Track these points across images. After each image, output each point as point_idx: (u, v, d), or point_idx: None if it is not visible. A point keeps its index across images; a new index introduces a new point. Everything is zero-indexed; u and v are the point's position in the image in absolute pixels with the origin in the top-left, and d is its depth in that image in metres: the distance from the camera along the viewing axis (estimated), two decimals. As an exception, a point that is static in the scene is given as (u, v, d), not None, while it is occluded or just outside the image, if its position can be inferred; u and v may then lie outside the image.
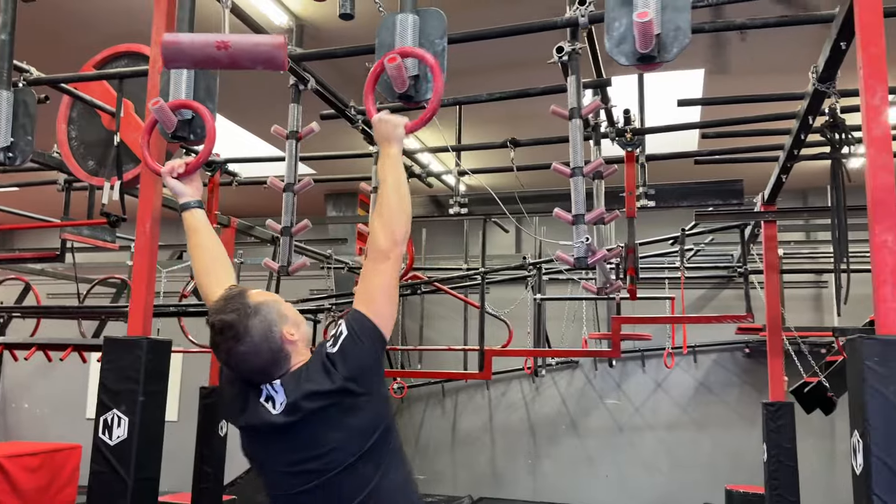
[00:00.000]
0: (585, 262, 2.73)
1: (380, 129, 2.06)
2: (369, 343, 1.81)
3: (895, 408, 2.06)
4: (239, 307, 1.78)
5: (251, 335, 1.76)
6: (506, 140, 4.12)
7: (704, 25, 2.28)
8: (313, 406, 1.75)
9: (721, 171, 4.92)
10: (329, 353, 1.78)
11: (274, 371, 1.81)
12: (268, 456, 1.85)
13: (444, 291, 7.04)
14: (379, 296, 1.87)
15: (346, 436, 1.77)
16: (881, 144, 2.23)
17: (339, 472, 1.76)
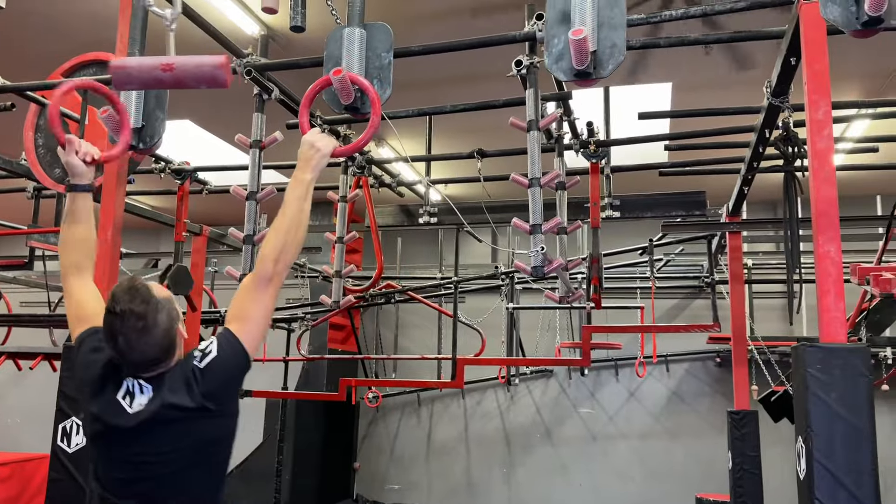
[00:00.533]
0: (542, 271, 2.78)
1: (304, 151, 2.07)
2: (235, 366, 1.89)
3: (836, 414, 2.12)
4: (149, 300, 1.83)
5: (157, 328, 1.82)
6: (473, 151, 4.16)
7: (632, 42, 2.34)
8: (168, 416, 1.81)
9: (687, 183, 5.00)
10: (195, 366, 1.85)
11: (156, 366, 1.86)
12: (109, 446, 1.89)
13: (417, 300, 7.06)
14: (254, 318, 1.93)
15: (187, 445, 1.83)
16: (824, 157, 2.30)
17: (170, 475, 1.82)
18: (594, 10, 1.74)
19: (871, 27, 1.60)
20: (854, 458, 2.09)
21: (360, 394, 8.59)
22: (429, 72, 5.23)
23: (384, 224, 5.00)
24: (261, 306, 1.93)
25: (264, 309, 1.94)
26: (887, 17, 1.57)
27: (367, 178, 4.39)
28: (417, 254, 9.40)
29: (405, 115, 3.68)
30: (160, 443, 1.81)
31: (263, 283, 1.93)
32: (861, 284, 4.21)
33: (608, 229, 7.57)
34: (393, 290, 6.92)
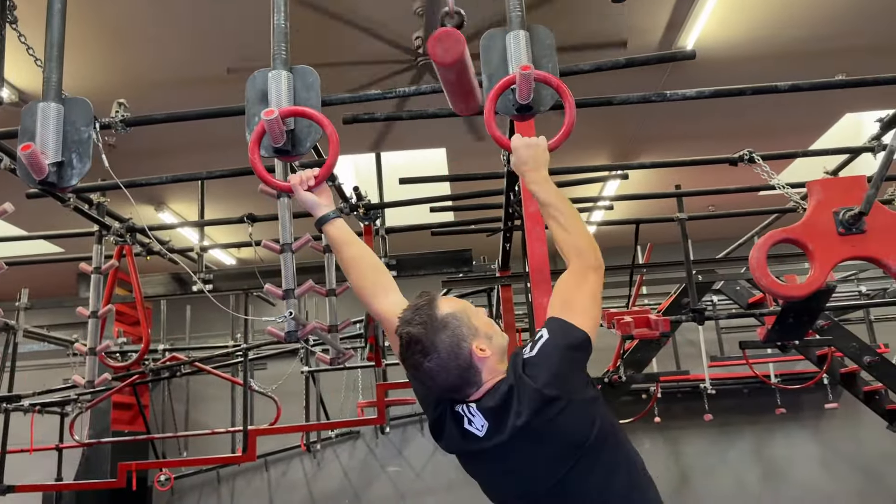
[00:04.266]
0: (295, 336, 2.81)
1: (523, 154, 1.92)
2: (569, 345, 1.67)
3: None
4: (426, 319, 1.66)
5: (438, 351, 1.64)
6: (242, 216, 4.13)
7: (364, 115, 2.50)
8: (518, 423, 1.61)
9: (459, 242, 5.29)
10: (526, 358, 1.66)
11: (465, 389, 1.68)
12: (484, 474, 1.77)
13: (206, 371, 6.76)
14: (585, 301, 1.74)
15: (556, 448, 1.63)
16: (535, 219, 2.56)
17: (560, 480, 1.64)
18: (290, 91, 1.84)
19: (524, 112, 1.83)
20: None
21: (151, 477, 7.99)
22: (202, 134, 5.17)
23: (154, 294, 4.78)
24: (589, 290, 1.75)
25: (594, 293, 1.75)
26: (535, 104, 1.81)
27: (131, 247, 4.19)
28: (212, 321, 9.02)
29: (155, 183, 3.58)
30: (524, 451, 1.62)
31: (590, 270, 1.77)
32: (609, 328, 4.68)
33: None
34: (178, 363, 6.57)
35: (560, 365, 1.63)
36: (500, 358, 1.71)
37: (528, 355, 1.66)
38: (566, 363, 1.64)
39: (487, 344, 1.68)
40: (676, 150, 6.71)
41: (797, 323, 4.36)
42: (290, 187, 1.90)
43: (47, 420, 7.15)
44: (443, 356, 1.64)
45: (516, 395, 1.61)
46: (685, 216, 4.57)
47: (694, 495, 9.24)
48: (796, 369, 8.40)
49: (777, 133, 6.45)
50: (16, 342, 5.97)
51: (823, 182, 3.25)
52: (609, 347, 6.91)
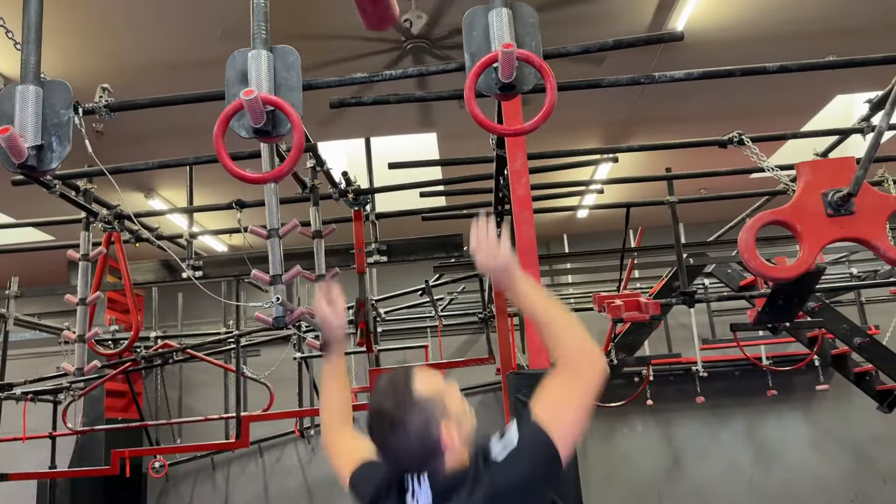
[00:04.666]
0: (283, 321, 2.80)
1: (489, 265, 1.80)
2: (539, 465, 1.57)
3: (542, 434, 2.32)
4: (400, 396, 1.62)
5: (406, 428, 1.59)
6: (231, 202, 4.11)
7: (351, 99, 2.48)
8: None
9: (451, 227, 5.27)
10: (492, 459, 1.59)
11: (423, 466, 1.64)
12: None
13: (198, 358, 6.76)
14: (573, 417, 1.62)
15: None
16: (523, 203, 2.55)
17: None
18: (270, 71, 1.81)
19: (507, 91, 1.82)
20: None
21: (145, 464, 7.99)
22: (191, 119, 5.12)
23: (144, 281, 4.76)
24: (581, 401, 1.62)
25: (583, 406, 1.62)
26: (518, 83, 1.79)
27: (120, 234, 4.16)
28: (204, 308, 9.00)
29: (142, 169, 3.55)
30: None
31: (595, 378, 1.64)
32: (600, 311, 4.69)
33: (387, 274, 7.83)
34: (170, 350, 6.56)
35: (525, 482, 1.56)
36: (465, 441, 1.67)
37: (494, 454, 1.60)
38: (531, 483, 1.57)
39: (456, 430, 1.64)
40: (667, 133, 6.70)
41: (787, 305, 4.38)
42: (263, 178, 1.90)
43: (40, 408, 7.14)
44: (410, 434, 1.60)
45: (471, 490, 1.57)
46: (675, 199, 4.56)
47: (686, 477, 9.31)
48: (787, 351, 8.46)
49: (767, 115, 6.44)
50: (7, 330, 5.95)
51: (812, 163, 3.24)
52: (601, 332, 6.94)
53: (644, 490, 9.19)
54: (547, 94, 1.72)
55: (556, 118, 2.06)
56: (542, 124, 1.72)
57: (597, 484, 8.89)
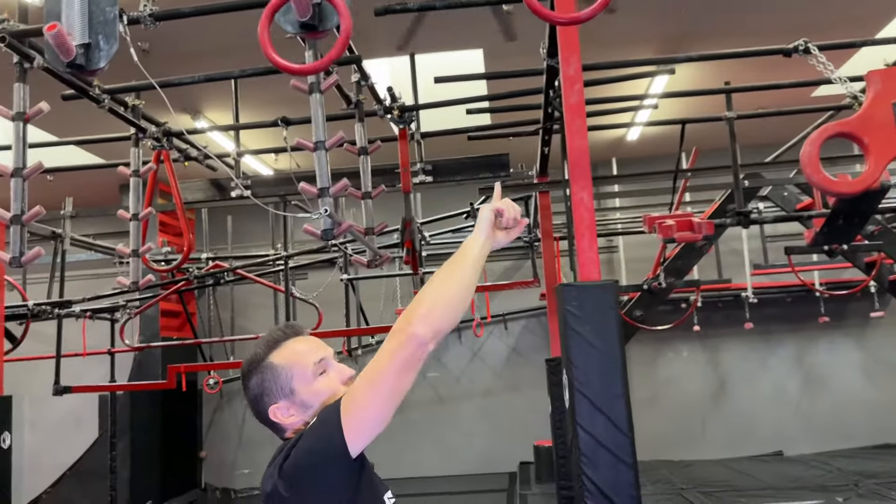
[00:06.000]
0: (332, 234, 2.80)
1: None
2: (321, 449, 1.38)
3: (591, 345, 2.30)
4: (255, 357, 1.56)
5: (248, 391, 1.57)
6: (276, 119, 4.08)
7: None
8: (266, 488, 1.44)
9: (497, 146, 5.18)
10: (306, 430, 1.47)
11: (270, 427, 1.57)
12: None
13: (248, 279, 6.90)
14: (368, 385, 1.37)
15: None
16: (576, 111, 2.46)
17: None
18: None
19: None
20: (608, 384, 2.28)
21: (200, 381, 8.31)
22: (235, 37, 5.07)
23: (194, 200, 4.82)
24: (375, 368, 1.36)
25: (386, 382, 1.36)
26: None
27: (168, 152, 4.19)
28: (253, 232, 9.15)
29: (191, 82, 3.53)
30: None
31: (390, 340, 1.37)
32: (650, 232, 4.59)
33: (431, 197, 7.79)
34: (221, 270, 6.70)
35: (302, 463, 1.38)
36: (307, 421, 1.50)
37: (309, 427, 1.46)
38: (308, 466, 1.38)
39: (297, 411, 1.51)
40: (727, 47, 6.38)
41: (847, 225, 4.22)
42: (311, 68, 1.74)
43: (99, 326, 7.44)
44: (249, 398, 1.56)
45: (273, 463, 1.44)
46: (734, 115, 4.37)
47: (731, 402, 9.29)
48: (842, 277, 8.23)
49: (832, 29, 6.06)
50: (64, 250, 6.13)
51: (884, 71, 3.05)
52: (648, 259, 6.83)
53: (688, 414, 9.22)
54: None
55: (609, 30, 1.95)
56: (600, 12, 1.62)
57: (640, 407, 8.85)
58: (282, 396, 1.51)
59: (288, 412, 1.51)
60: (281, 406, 1.51)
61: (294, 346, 1.56)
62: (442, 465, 9.34)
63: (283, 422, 1.52)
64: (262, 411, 1.54)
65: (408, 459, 9.37)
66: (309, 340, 1.59)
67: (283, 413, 1.51)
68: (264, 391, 1.52)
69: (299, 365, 1.53)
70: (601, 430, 2.21)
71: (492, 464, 9.21)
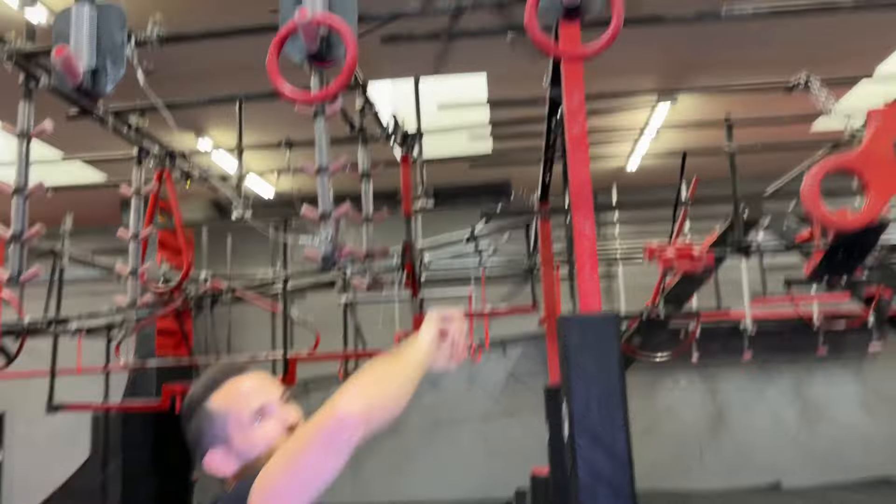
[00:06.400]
0: (333, 259, 2.79)
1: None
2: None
3: (591, 378, 2.28)
4: (194, 398, 1.44)
5: (187, 434, 1.45)
6: (280, 140, 4.10)
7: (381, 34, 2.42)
8: None
9: (499, 173, 5.20)
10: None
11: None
12: None
13: (247, 299, 6.88)
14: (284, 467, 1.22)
15: None
16: (578, 143, 2.46)
17: None
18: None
19: (571, 15, 1.73)
20: (608, 418, 2.26)
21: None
22: (241, 59, 5.11)
23: (194, 220, 4.82)
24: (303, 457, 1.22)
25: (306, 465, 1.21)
26: (584, 7, 1.70)
27: (171, 172, 4.20)
28: (253, 252, 9.13)
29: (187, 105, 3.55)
30: None
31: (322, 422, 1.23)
32: (650, 261, 4.59)
33: (433, 221, 7.79)
34: (220, 291, 6.69)
35: None
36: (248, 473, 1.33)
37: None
38: None
39: (234, 461, 1.39)
40: (728, 79, 6.43)
41: (846, 259, 4.23)
42: (317, 98, 1.75)
43: (94, 343, 7.39)
44: (188, 442, 1.45)
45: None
46: (734, 147, 4.39)
47: (729, 432, 9.24)
48: (841, 309, 8.22)
49: (832, 63, 6.11)
50: (61, 267, 6.12)
51: (885, 109, 3.08)
52: (647, 286, 6.82)
53: (685, 443, 9.17)
54: (612, 17, 1.63)
55: (611, 60, 1.95)
56: (605, 49, 1.63)
57: (637, 436, 8.76)
58: (218, 443, 1.40)
59: (225, 460, 1.40)
60: (217, 453, 1.40)
61: (234, 388, 1.43)
62: (438, 489, 9.25)
63: (219, 471, 1.41)
64: (199, 458, 1.43)
65: (404, 483, 9.30)
66: (252, 381, 1.45)
67: (220, 461, 1.40)
68: (201, 436, 1.42)
69: (236, 410, 1.40)
70: (601, 464, 2.19)
71: (488, 489, 9.12)
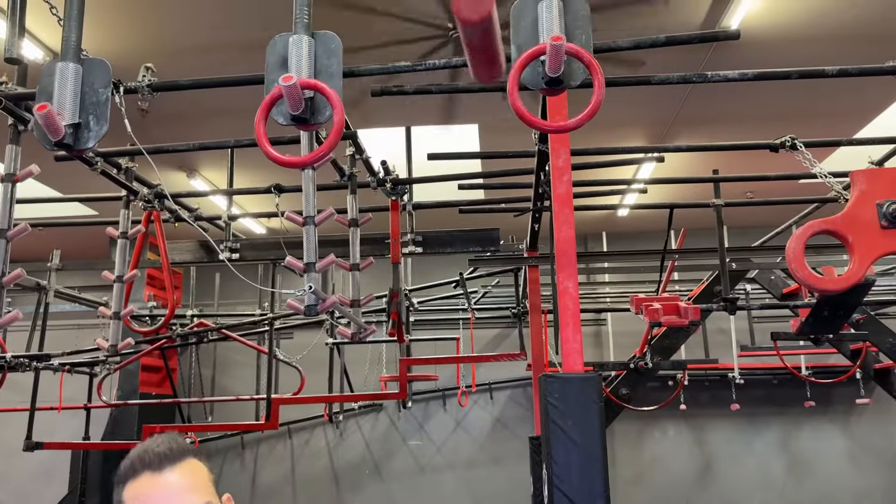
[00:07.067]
0: (315, 310, 2.78)
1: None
2: None
3: (572, 441, 2.26)
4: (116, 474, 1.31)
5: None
6: (270, 186, 4.11)
7: (374, 87, 2.45)
8: None
9: (488, 221, 5.21)
10: None
11: None
12: None
13: (232, 339, 6.82)
14: None
15: None
16: (564, 201, 2.48)
17: None
18: (311, 57, 1.77)
19: (554, 86, 1.75)
20: (588, 483, 2.24)
21: (176, 439, 8.12)
22: (235, 101, 5.15)
23: (182, 261, 4.80)
24: None
25: None
26: (566, 79, 1.72)
27: (160, 213, 4.20)
28: (241, 290, 9.10)
29: (182, 149, 3.57)
30: None
31: None
32: (637, 314, 4.59)
33: (422, 263, 7.81)
34: (205, 329, 6.63)
35: None
36: None
37: None
38: None
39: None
40: (716, 134, 6.53)
41: (832, 316, 4.23)
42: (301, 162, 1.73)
43: (77, 380, 7.29)
44: None
45: None
46: (721, 202, 4.44)
47: (716, 484, 9.14)
48: (828, 362, 8.22)
49: (820, 119, 6.23)
50: (47, 302, 6.06)
51: (868, 172, 3.11)
52: (637, 332, 6.80)
53: (673, 495, 9.05)
54: (594, 91, 1.65)
55: (599, 116, 1.98)
56: (586, 122, 1.65)
57: (625, 487, 8.78)
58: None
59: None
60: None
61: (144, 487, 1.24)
62: (420, 538, 9.08)
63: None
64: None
65: (385, 531, 9.12)
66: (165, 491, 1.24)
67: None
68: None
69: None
70: (579, 531, 2.16)
71: (471, 540, 8.97)
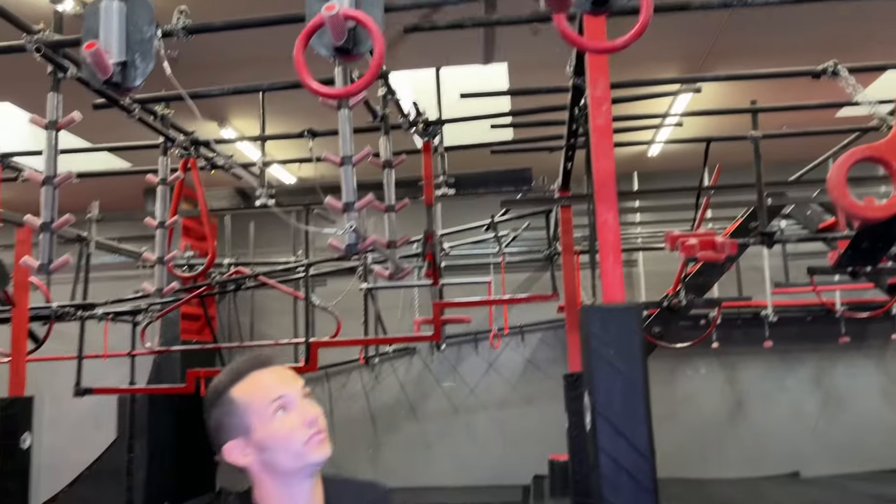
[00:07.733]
0: (356, 248, 2.82)
1: None
2: None
3: (614, 368, 2.30)
4: (216, 388, 1.46)
5: (208, 422, 1.47)
6: (303, 130, 4.12)
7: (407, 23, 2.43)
8: None
9: (520, 160, 5.19)
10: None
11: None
12: None
13: (269, 285, 6.95)
14: None
15: None
16: (603, 132, 2.46)
17: None
18: (353, -13, 1.76)
19: (599, 6, 1.72)
20: (630, 409, 2.28)
21: (217, 384, 8.37)
22: (266, 49, 5.13)
23: (218, 208, 4.87)
24: None
25: None
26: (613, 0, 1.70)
27: (196, 160, 4.25)
28: (275, 238, 9.21)
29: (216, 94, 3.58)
30: None
31: None
32: (672, 250, 4.57)
33: (453, 209, 7.80)
34: (243, 276, 6.76)
35: None
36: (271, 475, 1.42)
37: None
38: None
39: (253, 451, 1.41)
40: (753, 67, 6.35)
41: (872, 248, 4.18)
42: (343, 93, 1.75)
43: (120, 328, 7.52)
44: (209, 431, 1.46)
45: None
46: (759, 134, 4.35)
47: (748, 421, 9.21)
48: (864, 298, 8.14)
49: (859, 49, 6.03)
50: (88, 253, 6.21)
51: (914, 97, 3.04)
52: (668, 273, 6.79)
53: (704, 432, 9.15)
54: (642, 10, 1.63)
55: (631, 49, 1.94)
56: (633, 42, 1.63)
57: (657, 423, 8.77)
58: (239, 433, 1.41)
59: (244, 452, 1.41)
60: (237, 444, 1.41)
61: (257, 380, 1.44)
62: (456, 475, 9.32)
63: (237, 461, 1.42)
64: (219, 447, 1.44)
65: (422, 469, 9.38)
66: (275, 373, 1.47)
67: (239, 452, 1.41)
68: (221, 426, 1.43)
69: (258, 400, 1.41)
70: (623, 455, 2.21)
71: (506, 476, 9.17)
